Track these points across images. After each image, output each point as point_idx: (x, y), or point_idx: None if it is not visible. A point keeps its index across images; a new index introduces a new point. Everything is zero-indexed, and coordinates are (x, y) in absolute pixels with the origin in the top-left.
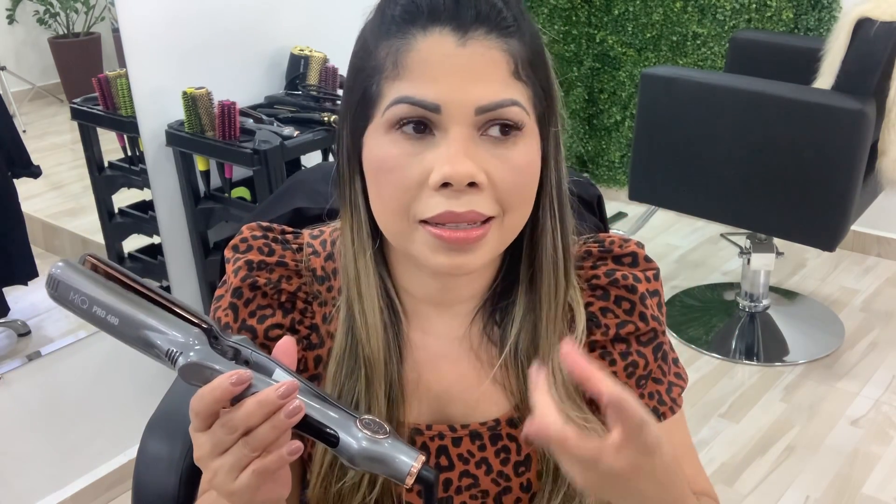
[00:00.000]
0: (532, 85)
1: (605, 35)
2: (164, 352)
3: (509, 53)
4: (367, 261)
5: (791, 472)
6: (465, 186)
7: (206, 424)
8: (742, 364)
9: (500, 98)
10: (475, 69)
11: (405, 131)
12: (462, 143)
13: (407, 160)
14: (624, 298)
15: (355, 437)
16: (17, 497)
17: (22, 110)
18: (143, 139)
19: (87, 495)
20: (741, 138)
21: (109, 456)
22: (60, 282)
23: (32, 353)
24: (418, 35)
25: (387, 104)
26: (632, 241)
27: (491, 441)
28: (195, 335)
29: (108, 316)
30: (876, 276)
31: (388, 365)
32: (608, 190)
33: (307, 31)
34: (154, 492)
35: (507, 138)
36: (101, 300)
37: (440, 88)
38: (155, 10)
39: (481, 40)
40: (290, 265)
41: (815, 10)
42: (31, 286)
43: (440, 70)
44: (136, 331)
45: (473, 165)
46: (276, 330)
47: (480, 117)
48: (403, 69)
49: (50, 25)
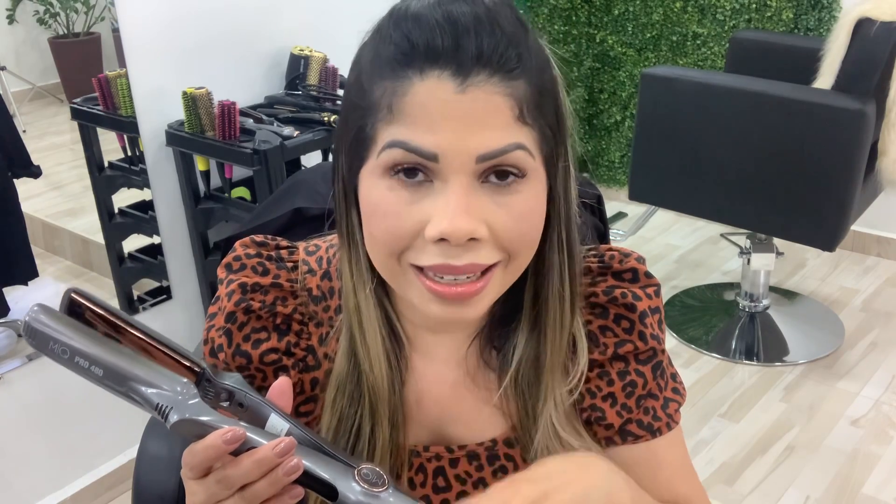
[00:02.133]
0: (538, 126)
1: (605, 35)
2: (154, 406)
3: (513, 98)
4: (367, 295)
5: (791, 472)
6: (465, 241)
7: (199, 476)
8: (742, 364)
9: (503, 145)
10: (476, 116)
11: (400, 178)
12: (462, 197)
13: (403, 208)
14: (623, 317)
15: (354, 491)
16: (17, 497)
17: (22, 110)
18: (143, 139)
19: (87, 495)
20: (741, 138)
21: (109, 456)
22: (37, 331)
23: (32, 353)
24: (415, 78)
25: (381, 147)
26: (632, 255)
27: (488, 461)
28: (185, 386)
29: (92, 367)
30: (876, 276)
31: (392, 392)
32: (608, 190)
33: (307, 31)
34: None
35: (509, 185)
36: (83, 350)
37: (438, 137)
38: (155, 10)
39: (482, 85)
40: (286, 286)
41: (815, 10)
42: (31, 286)
43: (438, 117)
44: (123, 383)
45: (473, 220)
46: (271, 355)
47: (481, 165)
48: (399, 114)
49: (50, 25)
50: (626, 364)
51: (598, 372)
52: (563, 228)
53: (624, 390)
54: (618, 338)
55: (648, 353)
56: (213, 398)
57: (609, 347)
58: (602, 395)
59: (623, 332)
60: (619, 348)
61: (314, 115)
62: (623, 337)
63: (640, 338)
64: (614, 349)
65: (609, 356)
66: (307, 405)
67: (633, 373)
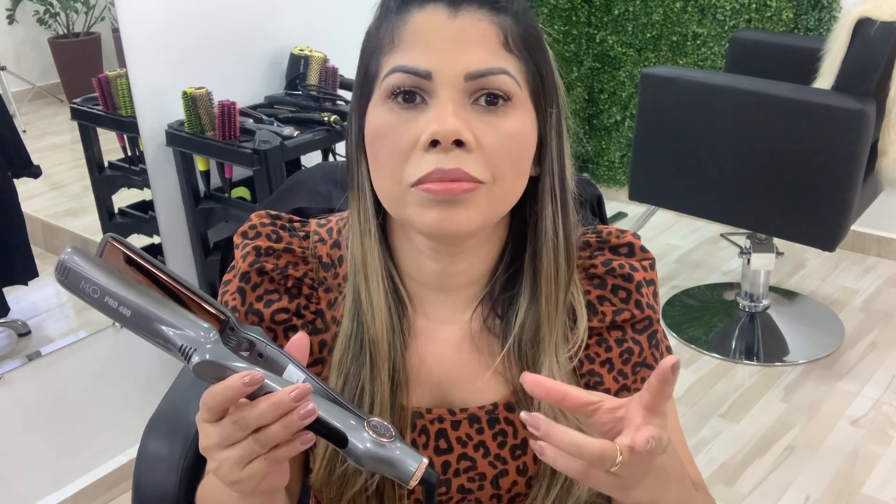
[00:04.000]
0: (524, 60)
1: (605, 35)
2: (178, 347)
3: (499, 26)
4: (372, 240)
5: (791, 472)
6: (453, 145)
7: (216, 418)
8: (742, 364)
9: (490, 66)
10: (465, 38)
11: (399, 101)
12: (451, 105)
13: (400, 126)
14: (620, 287)
15: (363, 439)
16: (17, 497)
17: (22, 110)
18: (143, 139)
19: (87, 495)
20: (741, 138)
21: (109, 456)
22: (70, 269)
23: (32, 353)
24: (414, 10)
25: (384, 75)
26: (628, 232)
27: (489, 424)
28: (209, 331)
29: (120, 307)
30: (876, 276)
31: (392, 348)
32: (608, 190)
33: (307, 31)
34: (154, 492)
35: (497, 108)
36: (113, 291)
37: (431, 56)
38: (155, 10)
39: (472, 12)
40: (297, 252)
41: (815, 10)
42: (31, 286)
43: (432, 40)
44: (149, 324)
45: (460, 123)
46: (282, 314)
47: (470, 84)
48: (399, 41)
49: (50, 25)
50: (623, 332)
51: (596, 339)
52: (555, 178)
53: (621, 357)
54: (615, 306)
55: (644, 323)
56: (234, 346)
57: (607, 315)
58: (600, 361)
59: (620, 301)
60: (616, 316)
61: (314, 115)
62: (620, 306)
63: (637, 306)
64: (612, 317)
65: (607, 324)
66: (315, 367)
67: (630, 340)
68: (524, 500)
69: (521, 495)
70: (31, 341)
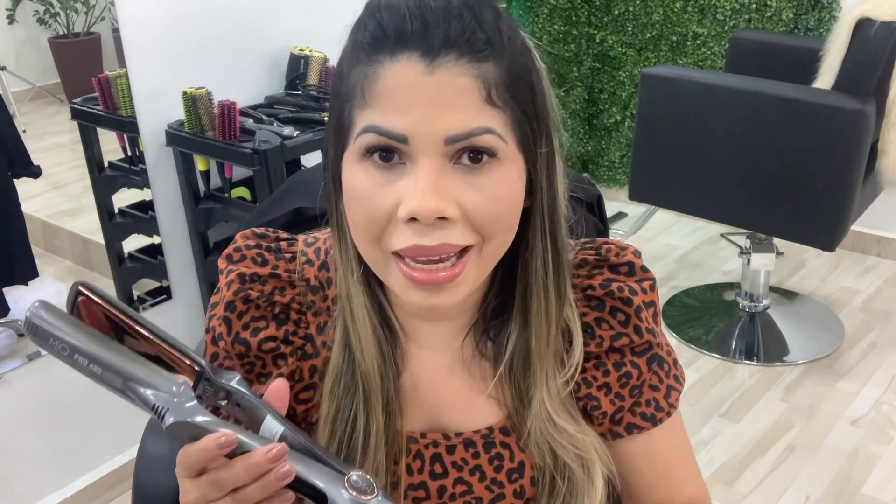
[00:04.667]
0: (510, 109)
1: (605, 35)
2: (151, 406)
3: (481, 79)
4: (355, 282)
5: (791, 472)
6: (435, 220)
7: (192, 476)
8: (742, 364)
9: (471, 127)
10: (444, 97)
11: (375, 160)
12: (431, 177)
13: (377, 190)
14: (619, 310)
15: (342, 497)
16: (17, 497)
17: (22, 110)
18: (143, 139)
19: (87, 495)
20: (741, 138)
21: (109, 456)
22: (38, 327)
23: (32, 353)
24: (385, 62)
25: (357, 133)
26: (629, 248)
27: (484, 448)
28: (182, 388)
29: (91, 365)
30: (876, 276)
31: (385, 380)
32: (608, 190)
33: (307, 31)
34: (154, 492)
35: (481, 166)
36: (82, 348)
37: (407, 119)
38: (155, 10)
39: (450, 67)
40: (283, 276)
41: (815, 10)
42: (31, 286)
43: (407, 99)
44: (121, 382)
45: (442, 200)
46: (269, 343)
47: (451, 147)
48: (371, 98)
49: (50, 25)
50: (621, 356)
51: (594, 363)
52: (546, 218)
53: (619, 381)
54: (613, 330)
55: (644, 347)
56: (211, 395)
57: (605, 340)
58: (598, 385)
59: (619, 324)
60: (614, 341)
61: (314, 115)
62: (619, 330)
63: (636, 332)
64: (610, 342)
65: (605, 348)
66: (306, 392)
67: (629, 364)
68: None
69: None
70: (31, 341)
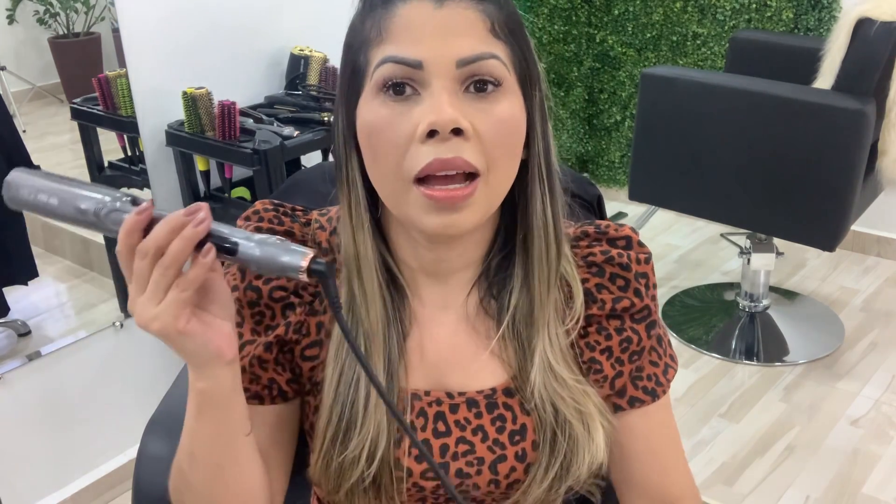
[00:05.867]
0: (511, 45)
1: (605, 35)
2: (93, 211)
3: (485, 13)
4: (365, 234)
5: (791, 472)
6: (451, 134)
7: (129, 265)
8: (742, 364)
9: (480, 51)
10: (453, 27)
11: (391, 94)
12: (445, 94)
13: (396, 118)
14: (619, 276)
15: (251, 244)
16: (17, 497)
17: (22, 110)
18: (143, 139)
19: (87, 495)
20: (741, 138)
21: (109, 456)
22: (11, 183)
23: (32, 353)
24: (399, 4)
25: (374, 67)
26: (626, 226)
27: (487, 409)
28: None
29: (50, 198)
30: (876, 276)
31: (388, 338)
32: (608, 190)
33: (307, 31)
34: (154, 492)
35: (488, 94)
36: (44, 187)
37: (420, 46)
38: (155, 10)
39: (457, 1)
40: (298, 235)
41: (815, 10)
42: (31, 286)
43: (421, 30)
44: (73, 203)
45: (456, 112)
46: (279, 291)
47: (462, 71)
48: (387, 34)
49: (50, 25)
50: (622, 322)
51: (596, 327)
52: (542, 160)
53: (620, 345)
54: (614, 294)
55: (644, 313)
56: None
57: (607, 303)
58: (600, 349)
59: (619, 289)
60: (616, 304)
61: (314, 115)
62: (619, 294)
63: (636, 294)
64: (612, 305)
65: (606, 312)
66: (312, 349)
67: (629, 330)
68: (521, 487)
69: (519, 482)
70: (31, 341)
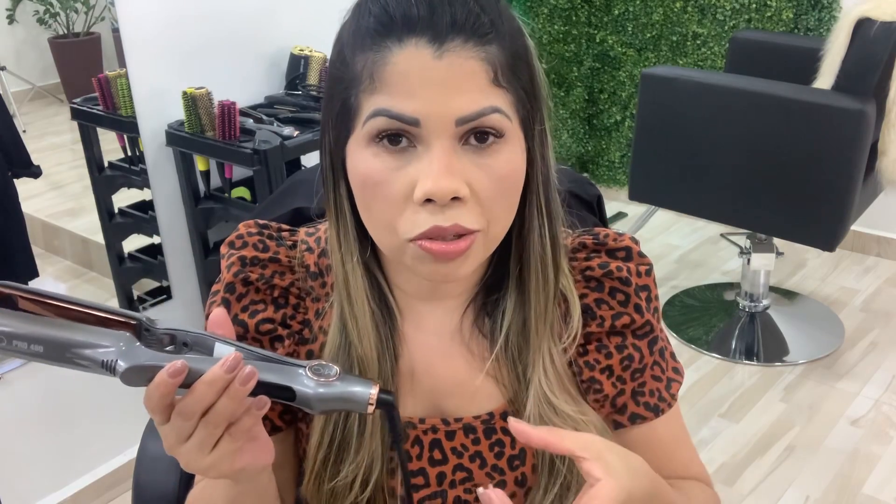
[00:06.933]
0: (514, 89)
1: (605, 35)
2: (100, 363)
3: (487, 62)
4: (354, 265)
5: (791, 472)
6: (449, 201)
7: (164, 418)
8: (742, 364)
9: (481, 107)
10: (453, 81)
11: (385, 145)
12: (444, 158)
13: (391, 174)
14: (618, 290)
15: (307, 385)
16: (17, 497)
17: (22, 110)
18: (143, 139)
19: (87, 495)
20: (741, 138)
21: (109, 456)
22: None
23: None
24: (394, 48)
25: (365, 117)
26: (626, 235)
27: (485, 434)
28: (126, 339)
29: (31, 346)
30: (876, 276)
31: (382, 363)
32: (608, 190)
33: (307, 31)
34: (154, 492)
35: (487, 146)
36: (18, 333)
37: (419, 102)
38: (155, 10)
39: (458, 51)
40: (284, 261)
41: (815, 10)
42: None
43: (418, 83)
44: (65, 352)
45: (456, 180)
46: (266, 324)
47: (461, 128)
48: (381, 83)
49: (50, 25)
50: (623, 339)
51: (595, 345)
52: (542, 192)
53: (621, 363)
54: (613, 310)
55: (645, 329)
56: (157, 346)
57: (606, 320)
58: (600, 368)
59: (619, 304)
60: (615, 321)
61: (314, 115)
62: (619, 309)
63: (636, 310)
64: (611, 321)
65: (606, 329)
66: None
67: (631, 347)
68: None
69: None
70: None
